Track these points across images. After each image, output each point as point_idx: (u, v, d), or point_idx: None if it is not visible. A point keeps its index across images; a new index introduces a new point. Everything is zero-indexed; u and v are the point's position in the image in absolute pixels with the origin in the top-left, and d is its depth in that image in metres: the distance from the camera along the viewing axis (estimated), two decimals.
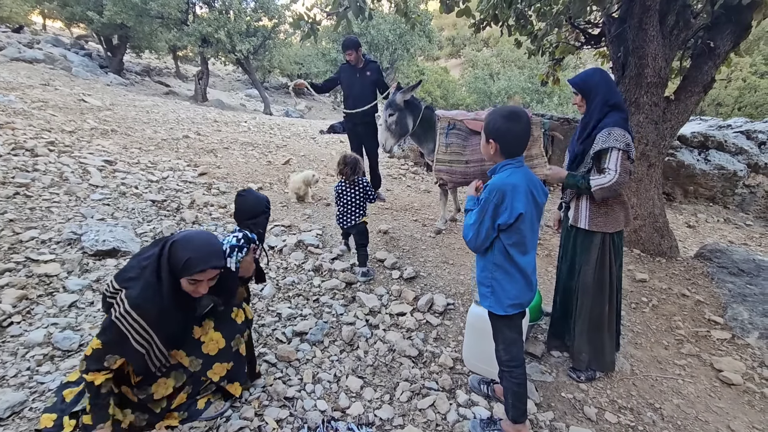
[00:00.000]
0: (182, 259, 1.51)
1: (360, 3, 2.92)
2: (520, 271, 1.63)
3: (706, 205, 6.44)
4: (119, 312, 1.48)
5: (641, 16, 3.14)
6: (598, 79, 2.07)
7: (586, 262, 2.16)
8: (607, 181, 1.97)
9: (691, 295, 3.11)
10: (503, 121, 1.58)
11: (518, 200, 1.55)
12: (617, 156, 1.96)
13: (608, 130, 1.97)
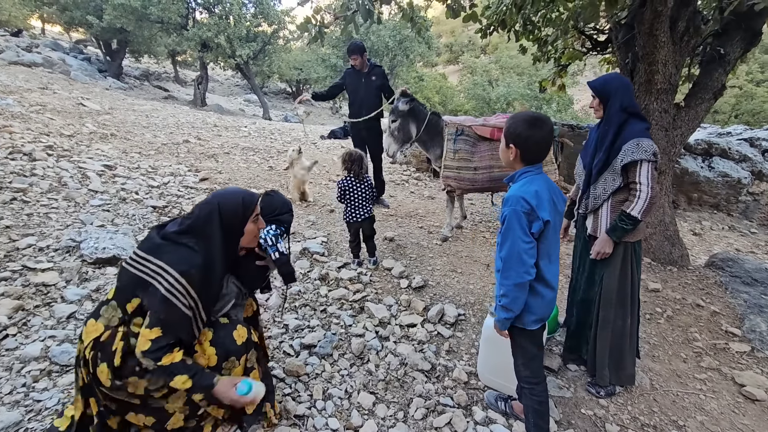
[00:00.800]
0: (238, 203, 1.52)
1: (369, 6, 2.87)
2: (546, 284, 1.55)
3: (710, 213, 6.41)
4: (167, 285, 1.35)
5: (652, 22, 3.10)
6: (617, 85, 2.02)
7: (608, 273, 2.09)
8: (644, 201, 1.92)
9: (706, 306, 3.04)
10: (525, 126, 1.50)
11: (543, 208, 1.47)
12: (647, 168, 1.91)
13: (637, 141, 1.91)
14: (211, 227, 1.48)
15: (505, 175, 3.67)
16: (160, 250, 1.42)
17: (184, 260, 1.40)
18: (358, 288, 2.96)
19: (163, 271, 1.37)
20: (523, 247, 1.45)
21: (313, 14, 2.98)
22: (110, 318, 1.42)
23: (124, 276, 1.43)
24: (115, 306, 1.42)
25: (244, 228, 1.56)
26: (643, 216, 1.93)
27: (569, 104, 19.26)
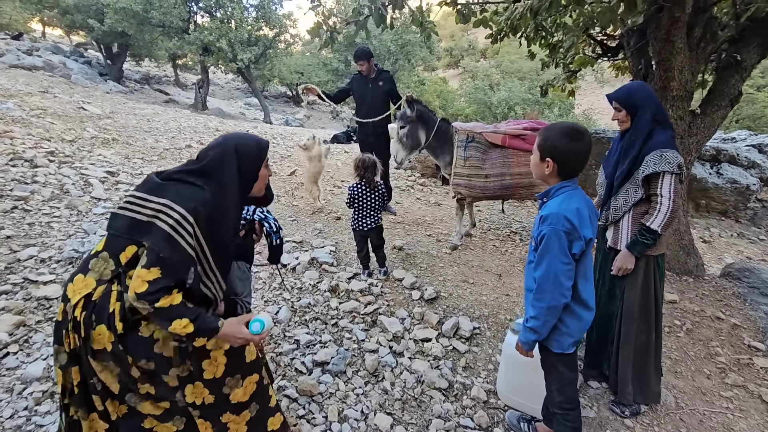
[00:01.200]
0: (254, 145, 1.44)
1: (382, 11, 2.80)
2: (584, 305, 1.47)
3: (719, 220, 6.34)
4: (172, 222, 1.20)
5: (669, 28, 3.04)
6: (645, 93, 1.95)
7: (630, 286, 2.02)
8: (664, 214, 1.86)
9: (726, 318, 2.96)
10: (565, 138, 1.42)
11: (585, 226, 1.40)
12: (670, 181, 1.85)
13: (660, 151, 1.86)
14: (227, 168, 1.36)
15: (517, 182, 3.62)
16: (163, 189, 1.27)
17: (191, 197, 1.25)
18: (370, 300, 2.87)
19: (167, 208, 1.21)
20: (562, 268, 1.37)
21: (324, 19, 2.91)
22: (101, 271, 1.25)
23: (117, 221, 1.26)
24: (106, 257, 1.26)
25: (259, 172, 1.46)
26: (663, 230, 1.88)
27: (570, 109, 19.23)
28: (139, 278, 1.16)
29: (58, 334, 1.26)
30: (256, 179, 1.47)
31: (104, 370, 1.25)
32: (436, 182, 6.66)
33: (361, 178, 3.09)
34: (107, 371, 1.25)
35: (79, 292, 1.23)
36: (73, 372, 1.26)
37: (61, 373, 1.27)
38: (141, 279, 1.16)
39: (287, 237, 3.73)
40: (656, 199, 1.89)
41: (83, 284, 1.24)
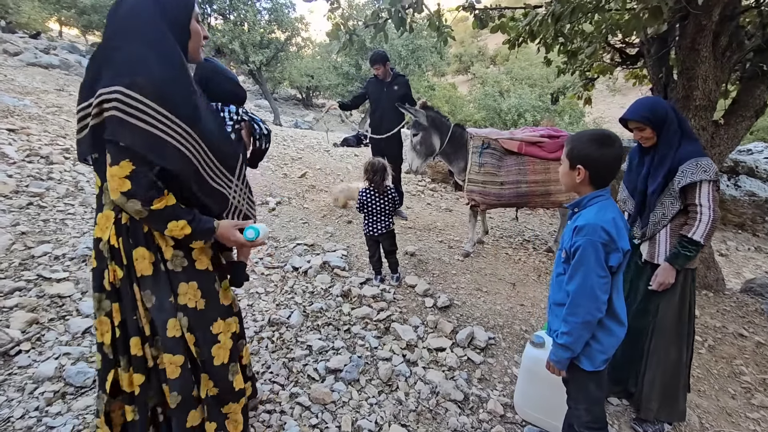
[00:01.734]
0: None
1: (402, 14, 2.78)
2: (618, 320, 1.40)
3: (735, 233, 6.22)
4: (119, 105, 1.05)
5: (694, 36, 2.98)
6: (665, 106, 1.90)
7: (667, 301, 1.96)
8: (706, 224, 1.81)
9: (749, 336, 2.88)
10: (595, 145, 1.36)
11: (622, 237, 1.33)
12: (708, 189, 1.81)
13: (695, 161, 1.81)
14: (144, 18, 1.13)
15: (533, 190, 3.56)
16: (94, 83, 1.10)
17: (121, 72, 1.07)
18: (382, 306, 2.83)
19: (105, 96, 1.05)
20: (598, 281, 1.30)
21: (343, 21, 2.89)
22: (110, 198, 1.17)
23: (81, 147, 1.20)
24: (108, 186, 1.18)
25: (190, 25, 1.23)
26: (706, 240, 1.82)
27: (581, 117, 19.11)
28: (115, 177, 1.08)
29: (97, 281, 1.23)
30: (188, 35, 1.23)
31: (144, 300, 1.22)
32: (447, 187, 6.62)
33: (370, 182, 3.04)
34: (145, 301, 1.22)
35: (107, 225, 1.19)
36: (114, 311, 1.22)
37: (107, 321, 1.23)
38: (117, 177, 1.08)
39: (299, 240, 3.70)
40: (695, 209, 1.84)
41: (106, 218, 1.20)
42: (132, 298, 1.21)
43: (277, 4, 15.43)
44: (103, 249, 1.19)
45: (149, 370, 1.28)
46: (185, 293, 1.27)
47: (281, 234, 3.82)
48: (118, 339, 1.24)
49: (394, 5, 2.84)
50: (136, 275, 1.20)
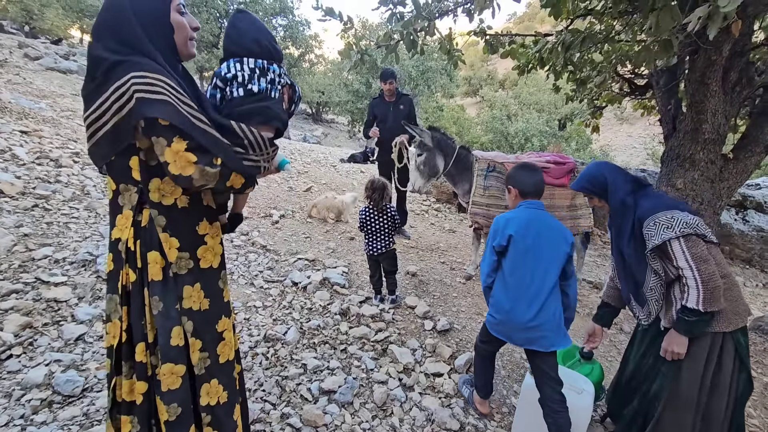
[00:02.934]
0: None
1: (414, 37, 2.82)
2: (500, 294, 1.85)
3: (743, 268, 6.12)
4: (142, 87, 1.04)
5: (704, 71, 2.99)
6: (606, 174, 1.84)
7: (688, 367, 1.66)
8: (697, 288, 1.52)
9: (758, 377, 2.79)
10: (521, 172, 1.93)
11: (509, 227, 1.80)
12: (681, 247, 1.56)
13: (652, 219, 1.62)
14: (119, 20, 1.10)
15: None
16: (103, 86, 1.07)
17: (129, 69, 1.06)
18: (381, 327, 2.78)
19: (124, 85, 1.04)
20: (487, 256, 1.89)
21: (356, 41, 2.94)
22: (130, 201, 1.16)
23: (99, 150, 1.12)
24: (125, 187, 1.16)
25: (169, 19, 1.17)
26: (706, 306, 1.52)
27: (588, 143, 19.19)
28: (179, 153, 1.06)
29: (113, 283, 1.21)
30: (171, 28, 1.19)
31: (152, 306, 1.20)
32: (451, 208, 6.60)
33: (370, 200, 3.03)
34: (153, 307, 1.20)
35: (126, 226, 1.17)
36: (123, 314, 1.20)
37: (119, 324, 1.20)
38: (179, 153, 1.06)
39: (300, 254, 3.68)
40: (681, 273, 1.59)
41: (125, 218, 1.17)
42: (141, 303, 1.19)
43: (292, 21, 15.82)
44: (122, 250, 1.18)
45: (150, 379, 1.24)
46: (190, 296, 1.26)
47: (282, 248, 3.81)
48: (123, 344, 1.21)
49: (406, 28, 2.88)
50: (147, 279, 1.19)
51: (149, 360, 1.22)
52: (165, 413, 1.21)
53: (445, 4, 3.06)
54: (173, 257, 1.21)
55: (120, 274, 1.18)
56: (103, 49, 1.08)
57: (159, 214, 1.18)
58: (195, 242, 1.26)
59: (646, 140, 23.17)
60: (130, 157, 1.12)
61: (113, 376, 1.22)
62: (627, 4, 2.94)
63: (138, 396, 1.21)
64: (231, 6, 15.03)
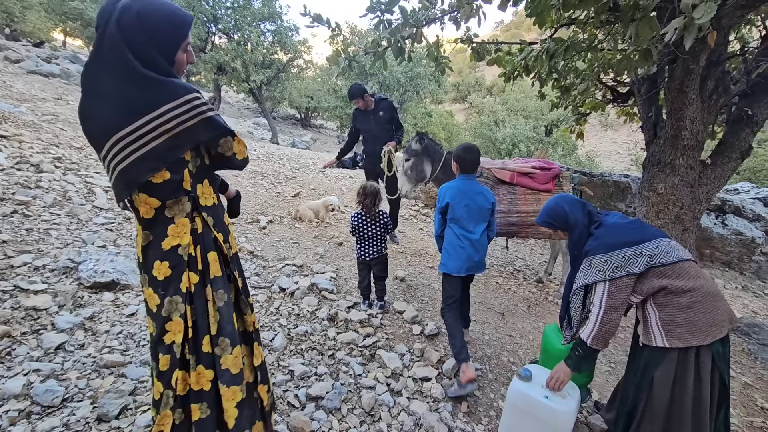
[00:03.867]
0: (167, 15, 1.18)
1: (401, 44, 2.85)
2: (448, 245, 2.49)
3: (722, 270, 6.28)
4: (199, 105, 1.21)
5: (683, 79, 3.09)
6: (566, 208, 1.95)
7: (659, 382, 1.67)
8: (594, 325, 1.72)
9: (737, 377, 2.85)
10: (462, 150, 2.45)
11: (448, 195, 2.42)
12: (603, 289, 1.70)
13: (588, 260, 1.77)
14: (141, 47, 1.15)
15: (523, 220, 3.58)
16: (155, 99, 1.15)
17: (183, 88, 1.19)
18: (369, 332, 2.77)
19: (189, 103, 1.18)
20: (436, 216, 2.53)
21: (343, 48, 2.96)
22: (184, 209, 1.28)
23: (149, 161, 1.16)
24: (176, 201, 1.26)
25: (176, 56, 1.24)
26: (593, 342, 1.71)
27: (574, 149, 19.52)
28: (239, 144, 1.34)
29: (175, 284, 1.28)
30: (172, 64, 1.25)
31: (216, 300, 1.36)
32: None
33: (362, 206, 3.03)
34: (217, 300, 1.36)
35: (185, 232, 1.28)
36: (188, 312, 1.31)
37: (181, 322, 1.29)
38: (240, 143, 1.35)
39: (288, 260, 3.65)
40: (591, 308, 1.77)
41: (182, 225, 1.28)
42: (204, 300, 1.33)
43: (281, 27, 15.79)
44: (183, 253, 1.28)
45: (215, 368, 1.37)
46: (238, 275, 1.48)
47: (270, 253, 3.78)
48: (189, 339, 1.32)
49: (393, 35, 2.91)
50: (210, 278, 1.34)
51: (213, 351, 1.35)
52: (239, 393, 1.39)
53: (432, 12, 3.09)
54: (224, 249, 1.40)
55: (182, 276, 1.28)
56: (142, 66, 1.13)
57: (209, 215, 1.35)
58: (227, 231, 1.44)
59: (630, 146, 23.70)
60: (183, 171, 1.25)
61: (173, 371, 1.29)
62: (609, 15, 3.02)
63: (206, 383, 1.34)
64: (218, 11, 14.95)
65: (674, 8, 2.29)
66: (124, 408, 1.81)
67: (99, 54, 1.14)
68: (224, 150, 1.32)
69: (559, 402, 1.86)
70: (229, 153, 1.33)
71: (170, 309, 1.28)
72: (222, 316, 1.36)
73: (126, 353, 2.17)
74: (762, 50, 3.25)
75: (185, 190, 1.27)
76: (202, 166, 1.33)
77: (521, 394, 1.92)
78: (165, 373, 1.28)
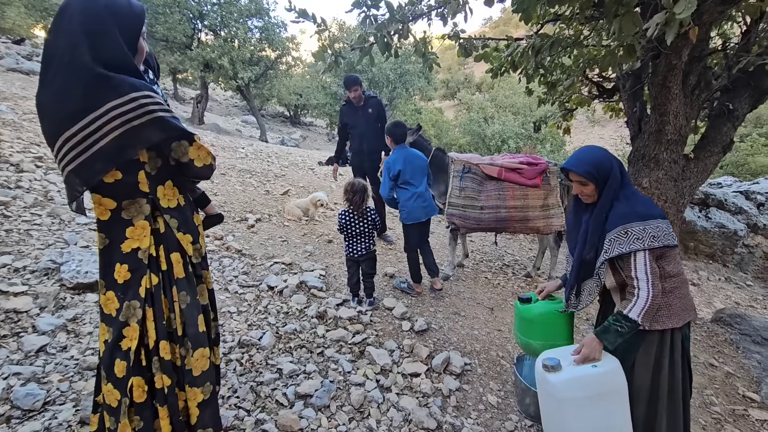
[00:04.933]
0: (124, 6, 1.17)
1: (388, 39, 2.83)
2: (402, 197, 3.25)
3: (706, 263, 6.40)
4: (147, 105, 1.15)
5: (666, 74, 3.12)
6: (613, 162, 1.69)
7: (642, 363, 1.68)
8: (645, 301, 1.55)
9: (719, 366, 2.91)
10: (392, 126, 3.26)
11: (395, 167, 3.17)
12: (644, 260, 1.56)
13: (623, 228, 1.59)
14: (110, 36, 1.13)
15: (512, 216, 3.60)
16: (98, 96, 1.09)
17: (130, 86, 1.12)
18: (358, 329, 2.77)
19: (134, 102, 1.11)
20: (384, 181, 3.23)
21: (329, 43, 2.93)
22: (141, 211, 1.24)
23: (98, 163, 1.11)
24: (131, 202, 1.22)
25: (137, 41, 1.23)
26: (644, 319, 1.56)
27: (562, 145, 19.69)
28: (199, 150, 1.27)
29: (133, 289, 1.26)
30: (135, 51, 1.24)
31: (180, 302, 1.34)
32: None
33: (350, 203, 3.02)
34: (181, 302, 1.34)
35: (145, 234, 1.25)
36: (148, 317, 1.28)
37: (137, 327, 1.26)
38: (200, 148, 1.28)
39: (276, 258, 3.63)
40: (632, 283, 1.60)
41: (141, 228, 1.25)
42: (171, 301, 1.32)
43: (268, 23, 15.62)
44: (143, 257, 1.26)
45: (177, 372, 1.36)
46: (206, 278, 1.49)
47: (258, 252, 3.75)
48: (147, 345, 1.30)
49: (380, 30, 2.89)
50: (173, 279, 1.31)
51: (178, 353, 1.34)
52: (200, 394, 1.37)
53: (418, 8, 3.08)
54: (190, 251, 1.37)
55: (142, 280, 1.26)
56: (91, 60, 1.09)
57: (171, 217, 1.31)
58: (197, 232, 1.41)
59: (617, 142, 23.94)
60: (137, 172, 1.20)
61: (129, 377, 1.26)
62: (593, 10, 3.04)
63: (165, 389, 1.33)
64: (204, 7, 14.72)
65: (656, 4, 2.31)
66: None
67: (53, 47, 1.11)
68: (178, 155, 1.24)
69: (604, 362, 1.65)
70: (185, 159, 1.25)
71: (128, 314, 1.25)
72: (186, 318, 1.34)
73: None
74: (742, 46, 3.31)
75: (142, 191, 1.23)
76: (165, 167, 1.27)
77: (569, 382, 1.64)
78: (122, 380, 1.25)
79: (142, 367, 1.29)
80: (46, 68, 1.12)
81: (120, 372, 1.25)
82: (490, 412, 2.27)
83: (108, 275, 1.25)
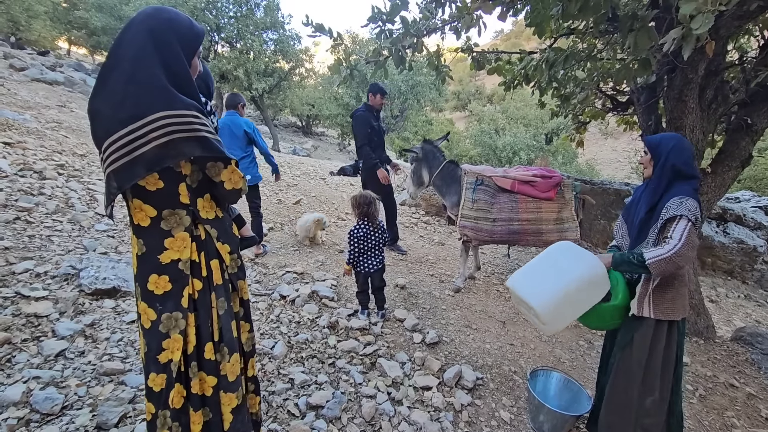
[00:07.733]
0: (188, 26, 1.27)
1: (402, 53, 2.87)
2: None
3: (725, 279, 6.25)
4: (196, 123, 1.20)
5: (682, 88, 3.11)
6: (673, 145, 1.89)
7: (638, 346, 1.88)
8: (666, 251, 1.68)
9: (740, 387, 2.83)
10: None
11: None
12: (684, 225, 1.71)
13: (681, 198, 1.76)
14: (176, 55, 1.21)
15: (524, 228, 3.58)
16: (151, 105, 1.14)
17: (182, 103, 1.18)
18: (369, 340, 2.76)
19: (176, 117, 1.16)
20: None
21: (345, 57, 2.99)
22: (182, 222, 1.27)
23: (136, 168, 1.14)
24: (171, 212, 1.25)
25: (192, 60, 1.30)
26: (654, 267, 1.69)
27: (574, 157, 19.55)
28: (232, 173, 1.30)
29: (174, 300, 1.27)
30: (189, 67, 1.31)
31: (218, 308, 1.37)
32: (440, 221, 6.64)
33: (364, 215, 2.95)
34: (218, 308, 1.37)
35: (185, 245, 1.28)
36: (189, 324, 1.30)
37: (180, 338, 1.28)
38: (233, 172, 1.31)
39: (288, 267, 3.65)
40: (665, 241, 1.75)
41: (182, 239, 1.27)
42: (208, 307, 1.34)
43: (283, 36, 15.94)
44: (183, 268, 1.28)
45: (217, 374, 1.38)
46: (242, 288, 1.52)
47: (271, 261, 3.78)
48: (193, 348, 1.33)
49: (395, 44, 2.94)
50: (213, 284, 1.35)
51: (215, 357, 1.36)
52: (234, 400, 1.40)
53: (432, 22, 3.13)
54: (228, 260, 1.41)
55: (184, 291, 1.28)
56: (161, 71, 1.16)
57: (212, 227, 1.35)
58: (235, 243, 1.46)
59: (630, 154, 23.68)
60: (178, 184, 1.24)
61: (169, 389, 1.27)
62: (607, 25, 3.05)
63: (209, 389, 1.35)
64: (222, 20, 15.11)
65: (672, 18, 2.31)
66: (124, 416, 1.80)
67: (115, 57, 1.16)
68: (211, 174, 1.29)
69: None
70: (217, 179, 1.30)
71: (169, 325, 1.26)
72: (222, 324, 1.38)
73: (126, 361, 2.16)
74: (760, 60, 3.27)
75: (182, 203, 1.26)
76: (205, 181, 1.31)
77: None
78: (159, 393, 1.25)
79: (180, 373, 1.30)
80: (105, 78, 1.16)
81: (157, 386, 1.25)
82: (503, 429, 2.23)
83: (143, 285, 1.26)
